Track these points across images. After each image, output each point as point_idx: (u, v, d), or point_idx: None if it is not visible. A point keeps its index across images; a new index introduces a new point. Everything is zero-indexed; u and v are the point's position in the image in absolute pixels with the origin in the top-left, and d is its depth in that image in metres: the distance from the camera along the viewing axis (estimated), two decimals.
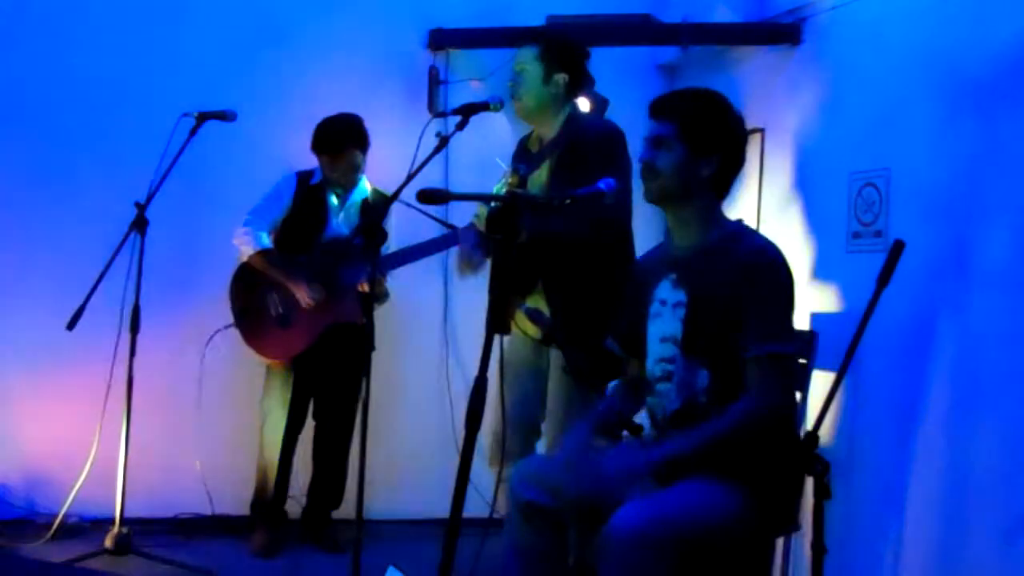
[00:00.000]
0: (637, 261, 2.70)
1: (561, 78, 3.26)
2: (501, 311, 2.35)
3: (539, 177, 3.27)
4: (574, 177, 3.00)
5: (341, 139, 4.00)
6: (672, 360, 2.44)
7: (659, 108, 2.46)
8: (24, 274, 4.20)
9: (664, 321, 2.47)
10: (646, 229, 3.35)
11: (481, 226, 3.16)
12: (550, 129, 3.29)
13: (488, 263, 3.28)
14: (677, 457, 2.29)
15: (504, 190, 3.19)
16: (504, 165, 3.26)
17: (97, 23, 4.28)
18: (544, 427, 3.35)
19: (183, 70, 4.31)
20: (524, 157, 3.34)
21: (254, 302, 4.00)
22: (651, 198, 2.49)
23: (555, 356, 3.23)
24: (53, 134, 4.23)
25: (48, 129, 4.23)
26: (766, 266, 2.36)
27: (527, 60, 3.28)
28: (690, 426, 2.37)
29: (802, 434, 2.19)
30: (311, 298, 3.87)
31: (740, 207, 4.07)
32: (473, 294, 3.42)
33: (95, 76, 4.27)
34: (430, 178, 3.63)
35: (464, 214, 3.42)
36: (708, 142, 2.41)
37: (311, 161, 4.07)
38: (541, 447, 3.38)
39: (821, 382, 2.54)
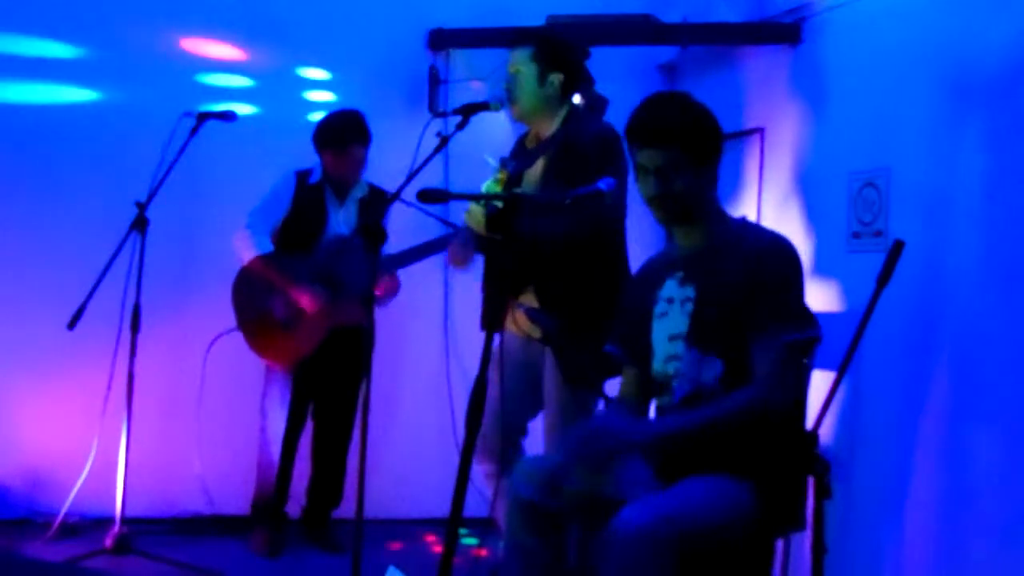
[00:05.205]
0: (639, 268, 2.69)
1: (556, 78, 3.24)
2: (495, 309, 2.35)
3: (533, 174, 3.26)
4: (569, 176, 2.99)
5: (345, 135, 3.97)
6: (681, 356, 2.44)
7: (655, 136, 2.40)
8: (25, 274, 4.19)
9: (671, 319, 2.46)
10: (644, 230, 3.34)
11: (472, 223, 3.14)
12: (548, 128, 3.28)
13: (479, 259, 3.28)
14: (674, 433, 2.29)
15: (493, 188, 3.19)
16: (492, 162, 3.26)
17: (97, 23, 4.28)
18: (543, 428, 3.33)
19: (183, 70, 4.31)
20: (520, 154, 3.33)
21: (257, 307, 3.97)
22: (671, 221, 2.48)
23: (550, 356, 3.21)
24: (53, 134, 4.23)
25: (48, 129, 4.23)
26: (778, 254, 2.37)
27: (521, 61, 3.27)
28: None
29: None
30: (315, 305, 3.86)
31: (740, 207, 4.07)
32: (473, 294, 3.42)
33: (95, 76, 4.27)
34: (430, 178, 3.63)
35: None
36: (707, 152, 2.43)
37: (311, 161, 4.06)
38: (530, 446, 3.36)
39: (821, 382, 2.54)
